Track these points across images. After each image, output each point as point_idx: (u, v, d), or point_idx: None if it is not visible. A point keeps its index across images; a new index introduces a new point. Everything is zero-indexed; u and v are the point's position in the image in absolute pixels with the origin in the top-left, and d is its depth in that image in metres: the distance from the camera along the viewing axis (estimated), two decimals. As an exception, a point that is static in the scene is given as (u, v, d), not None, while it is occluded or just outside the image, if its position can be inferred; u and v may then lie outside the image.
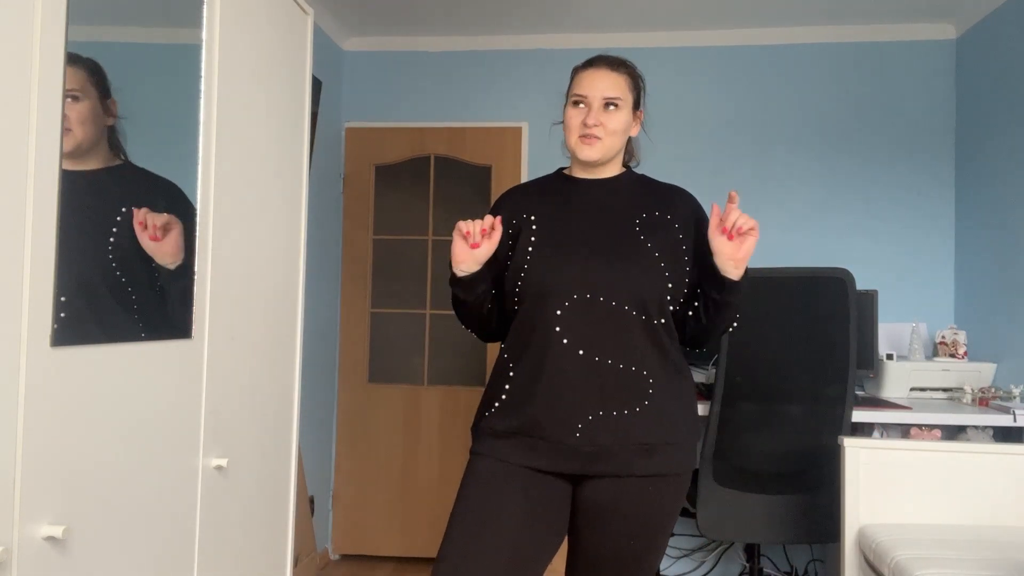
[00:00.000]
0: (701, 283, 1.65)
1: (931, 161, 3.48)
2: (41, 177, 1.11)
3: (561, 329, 1.57)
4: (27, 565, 1.09)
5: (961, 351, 3.12)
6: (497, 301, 1.74)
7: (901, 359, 3.11)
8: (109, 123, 1.27)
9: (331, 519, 3.75)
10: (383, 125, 3.81)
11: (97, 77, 1.24)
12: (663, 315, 1.61)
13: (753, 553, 2.94)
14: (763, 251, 3.51)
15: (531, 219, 1.70)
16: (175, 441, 1.46)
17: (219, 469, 1.60)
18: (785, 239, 3.53)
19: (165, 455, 1.43)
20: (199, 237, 1.52)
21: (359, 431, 3.76)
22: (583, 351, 1.56)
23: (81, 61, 1.20)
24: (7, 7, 1.06)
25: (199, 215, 1.52)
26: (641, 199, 1.70)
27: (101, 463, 1.25)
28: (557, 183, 1.76)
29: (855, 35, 3.53)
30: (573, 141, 1.67)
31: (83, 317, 1.21)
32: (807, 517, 2.54)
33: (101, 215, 1.26)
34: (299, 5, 1.99)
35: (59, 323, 1.15)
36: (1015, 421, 2.61)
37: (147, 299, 1.37)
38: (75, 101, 1.19)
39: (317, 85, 3.34)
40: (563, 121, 1.73)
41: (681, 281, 1.63)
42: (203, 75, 1.53)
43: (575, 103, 1.68)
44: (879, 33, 3.51)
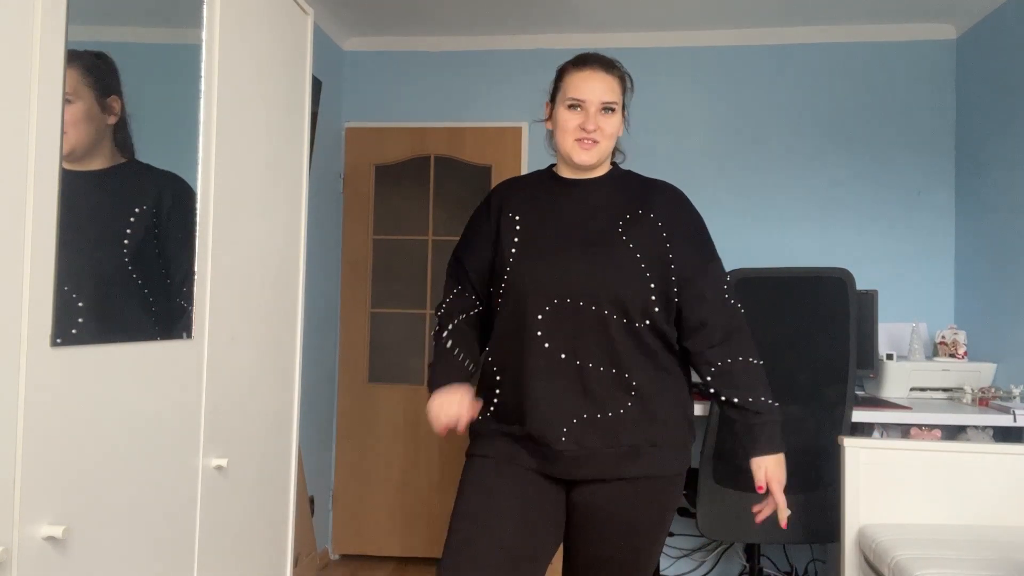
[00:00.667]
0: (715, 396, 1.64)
1: (931, 161, 3.48)
2: (41, 177, 1.11)
3: (543, 333, 1.57)
4: (27, 565, 1.09)
5: (961, 351, 3.12)
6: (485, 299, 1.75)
7: (901, 359, 3.11)
8: (110, 122, 1.27)
9: (331, 519, 3.74)
10: (383, 125, 3.81)
11: (94, 76, 1.24)
12: (646, 316, 1.59)
13: (753, 553, 2.94)
14: (763, 251, 3.51)
15: (515, 218, 1.68)
16: (175, 441, 1.46)
17: (219, 469, 1.60)
18: (785, 239, 3.54)
19: (165, 455, 1.43)
20: (199, 237, 1.52)
21: (359, 431, 3.76)
22: (565, 355, 1.57)
23: (78, 59, 1.20)
24: (7, 7, 1.06)
25: (199, 215, 1.52)
26: (625, 198, 1.67)
27: (101, 463, 1.25)
28: (547, 182, 1.73)
29: (855, 35, 3.53)
30: (569, 144, 1.64)
31: (84, 317, 1.21)
32: (807, 517, 2.54)
33: (107, 215, 1.26)
34: (299, 5, 1.99)
35: (59, 323, 1.15)
36: (1015, 421, 2.61)
37: (148, 299, 1.37)
38: (66, 104, 1.18)
39: (317, 85, 3.34)
40: (553, 119, 1.69)
41: (667, 280, 1.61)
42: (203, 75, 1.53)
43: (571, 106, 1.64)
44: (879, 33, 3.51)
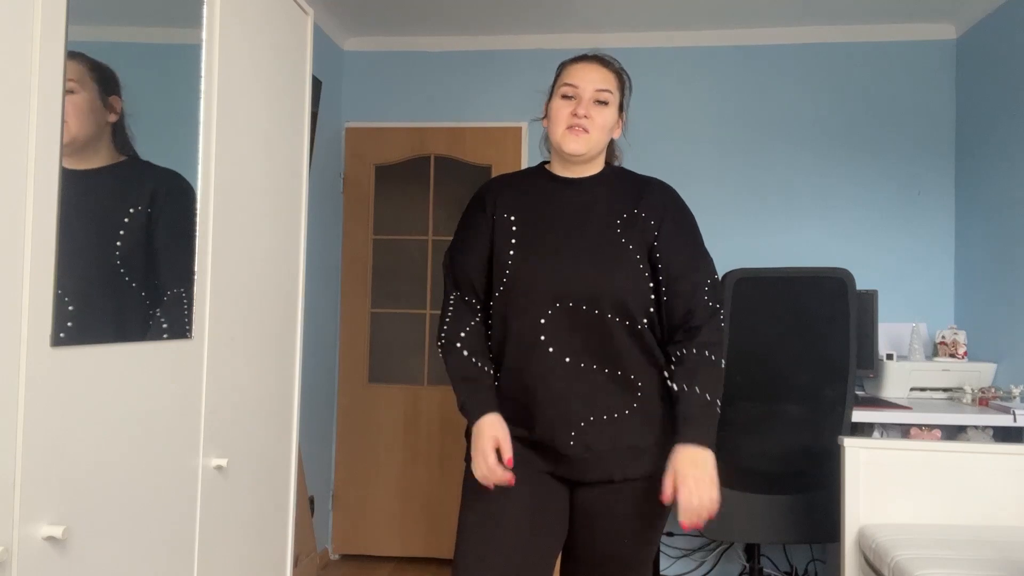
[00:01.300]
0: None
1: (931, 161, 3.48)
2: (41, 177, 1.11)
3: (546, 338, 1.56)
4: (27, 565, 1.09)
5: (961, 351, 3.12)
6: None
7: (901, 359, 3.11)
8: (111, 120, 1.27)
9: (331, 519, 3.74)
10: (383, 125, 3.81)
11: (98, 73, 1.24)
12: (646, 316, 1.59)
13: (753, 553, 2.94)
14: (763, 251, 3.51)
15: (511, 219, 1.65)
16: (175, 441, 1.46)
17: (219, 469, 1.60)
18: (785, 239, 3.53)
19: (165, 455, 1.43)
20: (199, 237, 1.52)
21: (359, 431, 3.76)
22: (569, 358, 1.56)
23: (83, 57, 1.20)
24: (7, 7, 1.06)
25: (199, 215, 1.52)
26: (621, 197, 1.66)
27: (101, 463, 1.25)
28: (540, 180, 1.71)
29: (855, 35, 3.53)
30: (560, 133, 1.61)
31: (84, 317, 1.21)
32: (807, 517, 2.54)
33: (105, 214, 1.26)
34: (299, 5, 1.99)
35: (59, 323, 1.15)
36: (1015, 421, 2.61)
37: (148, 299, 1.37)
38: (70, 93, 1.18)
39: (317, 85, 3.34)
40: (547, 114, 1.67)
41: (657, 280, 1.61)
42: (203, 75, 1.53)
43: (564, 95, 1.63)
44: (879, 33, 3.51)
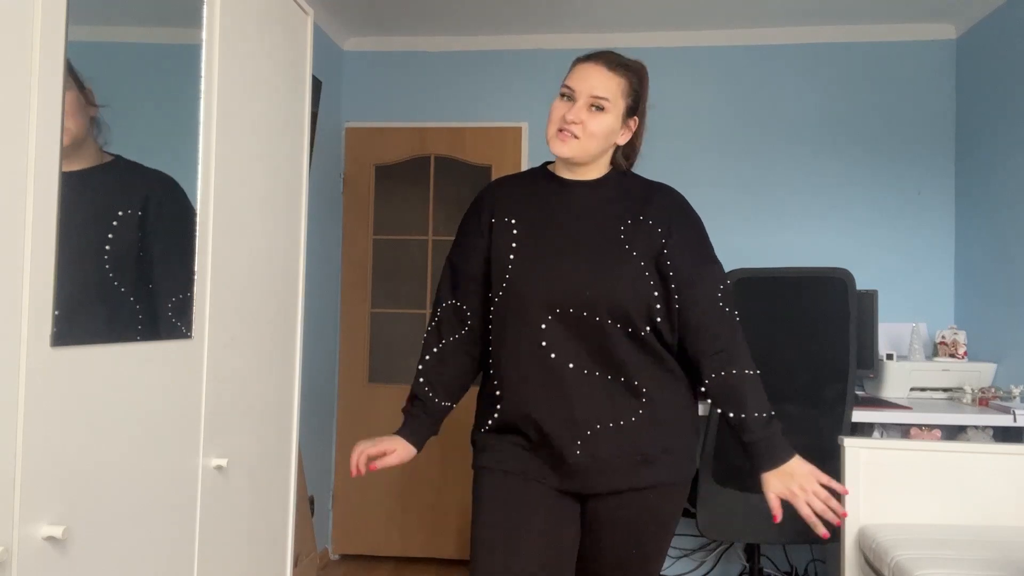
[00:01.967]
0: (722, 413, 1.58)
1: (931, 161, 3.48)
2: (41, 177, 1.11)
3: (547, 344, 1.53)
4: (27, 565, 1.09)
5: (961, 351, 3.12)
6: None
7: (901, 359, 3.11)
8: (92, 113, 1.25)
9: (331, 519, 3.74)
10: (383, 125, 3.81)
11: (69, 65, 1.22)
12: (650, 324, 1.55)
13: (753, 553, 2.94)
14: (763, 251, 3.51)
15: (512, 222, 1.62)
16: (175, 441, 1.46)
17: (219, 469, 1.60)
18: (785, 239, 3.54)
19: (165, 455, 1.43)
20: (199, 237, 1.52)
21: (359, 431, 3.76)
22: (572, 364, 1.54)
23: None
24: (7, 7, 1.06)
25: (199, 215, 1.52)
26: (625, 202, 1.61)
27: (101, 463, 1.25)
28: (542, 182, 1.67)
29: (855, 35, 3.53)
30: (551, 133, 1.59)
31: (83, 317, 1.21)
32: (807, 517, 2.54)
33: (98, 215, 1.26)
34: (299, 5, 1.99)
35: (59, 323, 1.15)
36: (1015, 421, 2.61)
37: (147, 299, 1.37)
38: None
39: (317, 85, 3.34)
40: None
41: (668, 288, 1.57)
42: (203, 75, 1.53)
43: (563, 95, 1.59)
44: (879, 33, 3.51)
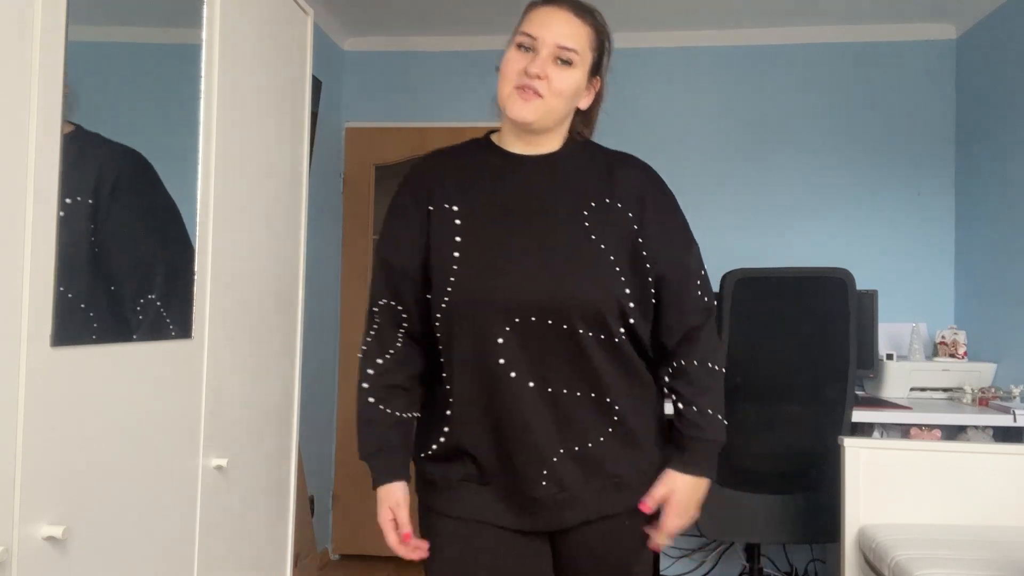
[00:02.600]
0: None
1: (931, 161, 3.48)
2: (41, 177, 1.11)
3: (506, 361, 1.28)
4: (27, 565, 1.09)
5: (961, 351, 3.12)
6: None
7: (901, 359, 3.11)
8: None
9: (331, 519, 3.74)
10: (383, 125, 3.81)
11: None
12: (624, 325, 1.33)
13: (753, 553, 2.94)
14: (763, 251, 3.51)
15: (452, 210, 1.33)
16: (175, 441, 1.46)
17: (219, 469, 1.60)
18: (785, 239, 3.53)
19: (165, 455, 1.43)
20: (199, 237, 1.52)
21: (359, 431, 3.76)
22: (534, 383, 1.29)
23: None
24: (7, 7, 1.06)
25: (199, 215, 1.52)
26: (589, 182, 1.36)
27: (101, 463, 1.25)
28: (486, 157, 1.38)
29: (855, 35, 3.53)
30: (506, 92, 1.30)
31: (83, 317, 1.21)
32: (807, 517, 2.54)
33: (72, 193, 1.25)
34: (299, 5, 1.99)
35: (59, 323, 1.15)
36: (1015, 421, 2.61)
37: (146, 299, 1.37)
38: None
39: (317, 85, 3.34)
40: (498, 66, 1.34)
41: (643, 278, 1.34)
42: (203, 75, 1.53)
43: (520, 45, 1.30)
44: (879, 33, 3.51)
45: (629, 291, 1.32)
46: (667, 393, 1.41)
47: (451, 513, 1.35)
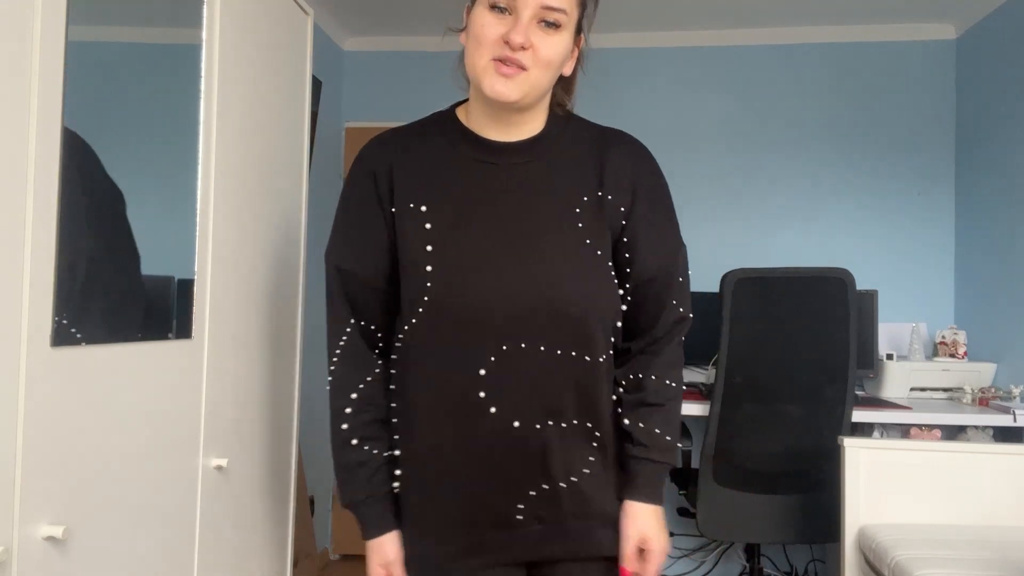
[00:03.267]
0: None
1: (931, 161, 3.48)
2: (41, 177, 1.11)
3: (487, 394, 1.12)
4: (27, 565, 1.09)
5: (961, 351, 3.12)
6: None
7: (901, 359, 3.11)
8: None
9: (331, 519, 3.74)
10: (383, 125, 3.77)
11: None
12: (611, 340, 1.20)
13: (753, 553, 2.94)
14: (763, 251, 3.51)
15: (421, 211, 1.13)
16: (175, 441, 1.46)
17: (219, 469, 1.60)
18: (785, 239, 3.53)
19: (165, 455, 1.43)
20: (199, 237, 1.52)
21: (359, 431, 3.76)
22: (519, 422, 1.13)
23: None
24: (7, 7, 1.06)
25: (199, 215, 1.52)
26: (578, 172, 1.17)
27: (101, 463, 1.25)
28: (454, 144, 1.18)
29: (855, 35, 3.53)
30: (482, 66, 1.09)
31: (83, 317, 1.21)
32: (807, 517, 2.54)
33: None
34: (299, 5, 1.99)
35: (59, 323, 1.15)
36: (1015, 421, 2.61)
37: (146, 299, 1.37)
38: None
39: (317, 85, 3.34)
40: (466, 29, 1.14)
41: (622, 282, 1.21)
42: (203, 75, 1.53)
43: (494, 6, 1.08)
44: (879, 33, 3.51)
45: (619, 300, 1.19)
46: (615, 402, 1.23)
47: (420, 553, 1.23)
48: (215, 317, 1.59)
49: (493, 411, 1.12)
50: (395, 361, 1.19)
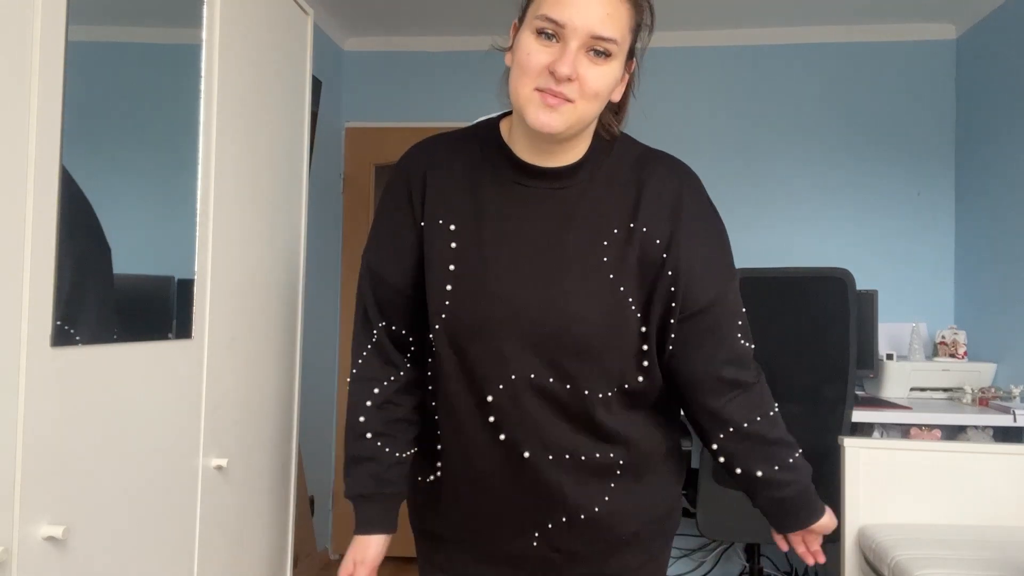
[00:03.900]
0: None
1: (931, 161, 3.48)
2: (41, 177, 1.11)
3: (496, 419, 1.11)
4: (27, 565, 1.09)
5: (961, 351, 3.12)
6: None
7: (901, 359, 3.11)
8: None
9: (331, 519, 3.74)
10: (383, 125, 3.81)
11: None
12: (640, 372, 1.14)
13: (753, 553, 2.94)
14: (763, 251, 3.51)
15: (449, 229, 1.11)
16: (175, 441, 1.46)
17: (219, 469, 1.60)
18: (785, 239, 3.53)
19: (165, 455, 1.43)
20: (199, 237, 1.52)
21: (359, 431, 3.76)
22: (529, 453, 1.11)
23: None
24: (7, 7, 1.06)
25: (199, 215, 1.52)
26: (612, 203, 1.11)
27: (101, 463, 1.25)
28: (494, 162, 1.13)
29: (855, 35, 3.53)
30: (525, 95, 1.02)
31: (83, 317, 1.21)
32: (807, 517, 2.53)
33: None
34: (299, 5, 1.99)
35: (59, 323, 1.14)
36: (1015, 421, 2.61)
37: (146, 299, 1.37)
38: None
39: (317, 85, 3.34)
40: (512, 51, 1.06)
41: (666, 318, 1.13)
42: (203, 75, 1.53)
43: (541, 31, 1.00)
44: (879, 33, 3.51)
45: (646, 334, 1.12)
46: (722, 459, 1.19)
47: (448, 568, 1.24)
48: (215, 317, 1.58)
49: (503, 438, 1.12)
50: (429, 365, 1.18)
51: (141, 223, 1.38)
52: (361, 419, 1.18)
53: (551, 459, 1.12)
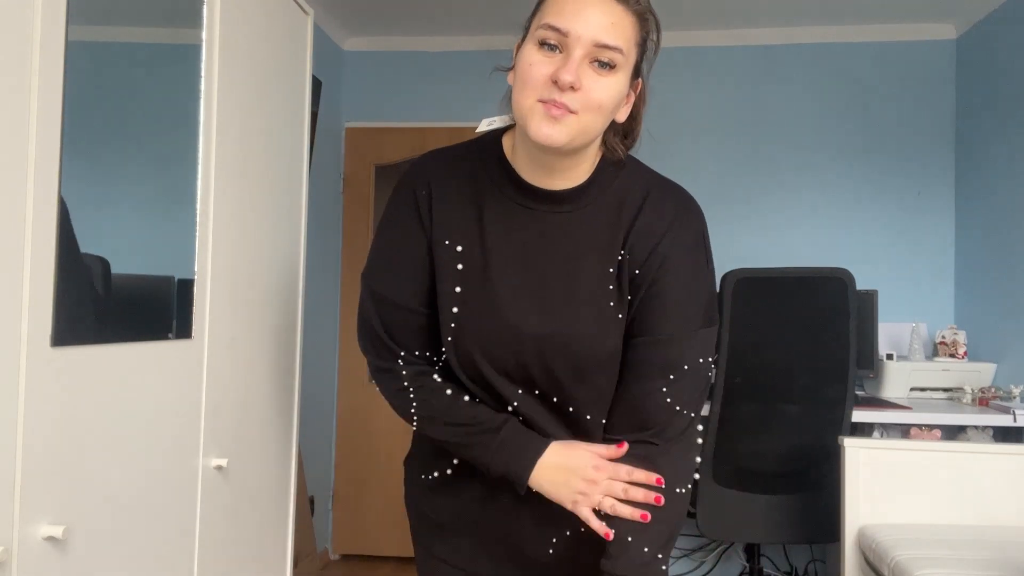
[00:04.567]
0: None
1: (931, 161, 3.48)
2: (41, 177, 1.11)
3: None
4: (27, 565, 1.09)
5: (961, 351, 3.12)
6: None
7: (901, 359, 3.11)
8: None
9: (331, 519, 3.74)
10: (383, 125, 3.81)
11: None
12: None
13: (753, 553, 2.94)
14: (763, 251, 3.51)
15: (456, 249, 1.10)
16: (175, 441, 1.46)
17: (219, 469, 1.60)
18: (785, 239, 3.53)
19: (165, 455, 1.43)
20: (199, 237, 1.52)
21: (359, 431, 3.76)
22: None
23: None
24: (7, 7, 1.06)
25: (199, 215, 1.52)
26: (610, 229, 1.10)
27: (101, 463, 1.25)
28: (498, 182, 1.11)
29: (855, 35, 3.53)
30: (527, 106, 1.00)
31: (83, 317, 1.21)
32: (807, 517, 2.54)
33: None
34: (299, 5, 1.99)
35: (59, 323, 1.14)
36: (1015, 421, 2.61)
37: (146, 299, 1.37)
38: None
39: (317, 85, 3.34)
40: (514, 67, 1.05)
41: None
42: (203, 75, 1.53)
43: (544, 42, 0.99)
44: (879, 33, 3.51)
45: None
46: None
47: (452, 561, 1.22)
48: (215, 317, 1.58)
49: None
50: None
51: (141, 223, 1.38)
52: (414, 402, 1.14)
53: None
